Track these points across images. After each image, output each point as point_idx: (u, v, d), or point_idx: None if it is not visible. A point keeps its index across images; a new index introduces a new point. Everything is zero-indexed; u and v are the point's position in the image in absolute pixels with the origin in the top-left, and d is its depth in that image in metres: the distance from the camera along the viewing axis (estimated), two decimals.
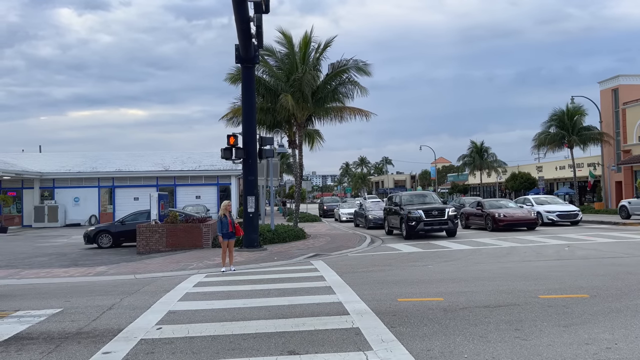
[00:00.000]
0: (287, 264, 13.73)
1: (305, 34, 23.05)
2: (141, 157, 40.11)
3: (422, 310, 7.53)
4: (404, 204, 21.91)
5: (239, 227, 13.12)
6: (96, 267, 13.92)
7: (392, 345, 5.81)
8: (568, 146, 38.59)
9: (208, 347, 5.95)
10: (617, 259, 12.91)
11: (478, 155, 57.60)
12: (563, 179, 51.16)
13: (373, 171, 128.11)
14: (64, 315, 7.89)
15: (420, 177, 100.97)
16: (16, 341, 6.47)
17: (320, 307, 7.91)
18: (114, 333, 6.70)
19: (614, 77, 40.74)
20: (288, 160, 46.56)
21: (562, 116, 38.95)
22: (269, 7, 14.70)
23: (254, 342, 6.12)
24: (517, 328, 6.40)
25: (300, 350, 5.75)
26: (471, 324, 6.64)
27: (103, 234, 20.48)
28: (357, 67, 22.88)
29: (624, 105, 38.94)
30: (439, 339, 6.01)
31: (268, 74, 23.30)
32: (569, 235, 19.63)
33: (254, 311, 7.75)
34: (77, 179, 36.84)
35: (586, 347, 5.60)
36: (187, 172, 36.90)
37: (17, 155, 41.83)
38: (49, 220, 35.25)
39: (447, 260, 13.74)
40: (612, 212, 34.39)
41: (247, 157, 17.68)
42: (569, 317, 6.91)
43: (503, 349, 5.60)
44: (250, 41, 16.57)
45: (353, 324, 6.77)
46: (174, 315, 7.64)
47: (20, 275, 12.57)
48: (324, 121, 24.68)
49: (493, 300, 8.10)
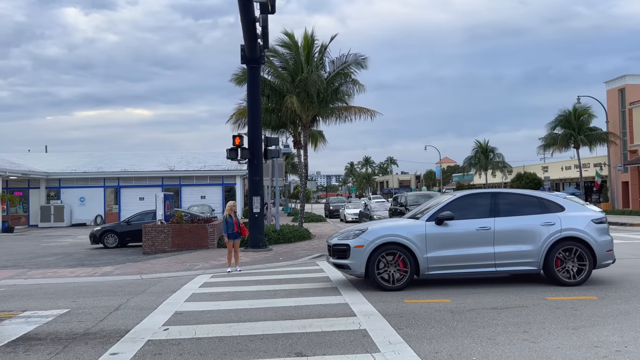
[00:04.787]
0: (293, 264, 13.72)
1: (306, 33, 23.03)
2: (146, 157, 40.22)
3: (429, 311, 7.50)
4: (409, 205, 21.88)
5: (244, 227, 13.12)
6: (102, 267, 13.95)
7: (400, 348, 5.79)
8: (575, 146, 38.43)
9: (215, 348, 5.94)
10: (625, 260, 12.82)
11: (483, 155, 57.47)
12: (569, 179, 50.96)
13: (378, 171, 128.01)
14: (71, 315, 7.91)
15: (425, 177, 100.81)
16: (24, 342, 6.48)
17: (327, 308, 7.89)
18: (121, 334, 6.70)
19: (620, 77, 40.50)
20: (293, 160, 46.61)
21: (569, 116, 38.77)
22: (274, 7, 14.69)
23: (260, 343, 6.11)
24: (526, 330, 6.36)
25: (307, 352, 5.73)
26: (479, 326, 6.60)
27: (109, 234, 20.54)
28: (356, 62, 22.85)
29: (630, 105, 38.71)
30: (447, 341, 5.98)
31: (273, 74, 23.30)
32: None
33: (261, 312, 7.74)
34: (82, 179, 36.98)
35: (596, 349, 5.56)
36: (192, 172, 36.96)
37: (23, 155, 42.03)
38: (55, 220, 35.40)
39: None
40: (618, 212, 34.21)
41: (252, 158, 17.68)
42: (578, 319, 6.87)
43: (512, 351, 5.57)
44: (256, 41, 16.57)
45: (360, 326, 6.74)
46: (181, 316, 7.64)
47: (27, 276, 12.62)
48: (329, 121, 24.70)
49: (500, 301, 8.06)
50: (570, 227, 9.25)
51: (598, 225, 9.42)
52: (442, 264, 9.18)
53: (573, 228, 9.25)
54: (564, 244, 9.22)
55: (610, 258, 9.51)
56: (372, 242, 9.19)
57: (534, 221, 9.33)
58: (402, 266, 9.14)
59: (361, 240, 9.29)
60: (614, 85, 40.99)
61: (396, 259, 9.15)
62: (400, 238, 9.19)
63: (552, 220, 9.31)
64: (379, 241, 9.19)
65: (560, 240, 9.21)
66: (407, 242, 9.14)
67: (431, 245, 9.16)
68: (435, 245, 9.17)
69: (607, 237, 9.53)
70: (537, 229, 9.25)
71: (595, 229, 9.35)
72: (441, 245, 9.19)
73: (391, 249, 9.18)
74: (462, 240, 9.22)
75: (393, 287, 9.08)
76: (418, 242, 9.14)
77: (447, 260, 9.17)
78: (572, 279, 9.18)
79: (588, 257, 9.22)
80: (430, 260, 9.15)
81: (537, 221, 9.31)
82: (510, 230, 9.28)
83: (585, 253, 9.22)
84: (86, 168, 37.44)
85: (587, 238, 9.22)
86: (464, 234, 9.25)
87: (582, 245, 9.25)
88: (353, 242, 9.35)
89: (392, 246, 9.19)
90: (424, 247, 9.14)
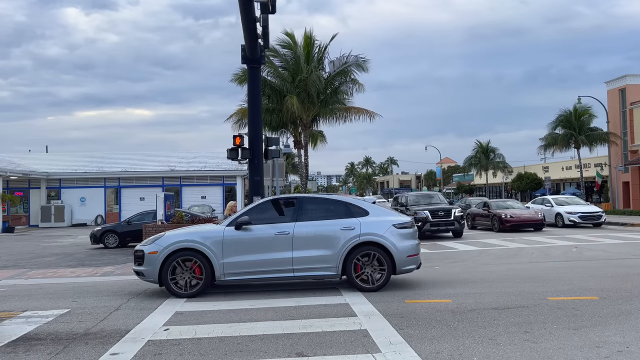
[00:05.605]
0: None
1: (306, 33, 23.04)
2: (147, 157, 40.23)
3: (430, 312, 7.48)
4: (410, 205, 21.86)
5: None
6: (103, 267, 13.94)
7: (401, 348, 5.77)
8: (575, 146, 38.42)
9: (216, 349, 5.93)
10: (626, 260, 12.82)
11: (484, 155, 57.46)
12: (570, 180, 50.94)
13: (378, 171, 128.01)
14: (72, 315, 7.90)
15: (426, 177, 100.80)
16: (24, 342, 6.47)
17: (327, 308, 7.88)
18: (121, 334, 6.70)
19: (621, 77, 40.49)
20: (293, 160, 46.60)
21: (569, 116, 38.77)
22: (275, 7, 14.66)
23: (261, 343, 6.10)
24: (527, 330, 6.35)
25: (308, 352, 5.72)
26: (480, 326, 6.59)
27: (109, 234, 20.52)
28: (357, 64, 22.86)
29: (631, 105, 38.70)
30: (448, 342, 5.97)
31: (273, 74, 23.33)
32: (576, 237, 19.52)
33: (261, 312, 7.73)
34: (83, 179, 36.99)
35: (597, 350, 5.54)
36: (192, 172, 36.96)
37: (23, 156, 42.04)
38: (55, 220, 35.40)
39: (454, 261, 13.69)
40: (619, 212, 34.20)
41: (253, 158, 17.65)
42: (579, 319, 6.85)
43: (513, 352, 5.55)
44: (257, 41, 16.54)
45: (361, 326, 6.73)
46: (181, 316, 7.63)
47: (28, 275, 12.61)
48: (329, 121, 24.71)
49: (502, 302, 8.04)
50: (369, 231, 9.08)
51: (400, 230, 9.23)
52: (239, 270, 8.98)
53: (372, 233, 9.08)
54: (362, 249, 9.06)
55: (412, 263, 9.34)
56: (166, 248, 8.97)
57: (333, 226, 9.15)
58: (198, 272, 8.96)
59: (155, 246, 9.06)
60: (614, 85, 40.97)
61: (192, 265, 8.96)
62: (195, 244, 8.98)
63: (352, 225, 9.13)
64: (173, 247, 8.96)
65: (359, 245, 9.05)
66: (202, 247, 8.95)
67: (228, 251, 8.97)
68: (233, 250, 8.99)
69: (411, 242, 9.33)
70: (336, 234, 9.07)
71: (396, 233, 9.16)
72: (239, 250, 9.00)
73: (187, 254, 8.95)
74: (261, 246, 9.05)
75: (186, 293, 8.90)
76: (214, 248, 8.95)
77: (243, 265, 8.98)
78: (369, 285, 9.01)
79: (387, 262, 9.04)
80: (226, 266, 8.95)
81: (337, 226, 9.14)
82: (309, 235, 9.10)
83: (384, 258, 9.05)
84: (87, 168, 37.45)
85: (385, 243, 9.05)
86: (263, 239, 9.08)
87: (380, 250, 9.06)
88: (147, 248, 9.14)
89: (188, 252, 8.95)
90: (221, 252, 8.94)
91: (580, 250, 15.37)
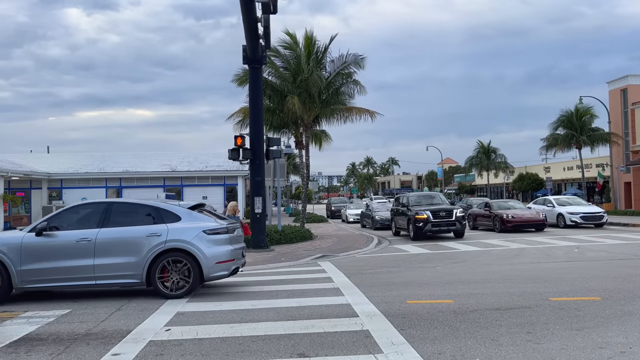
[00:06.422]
0: (295, 265, 13.70)
1: (307, 33, 23.02)
2: (148, 158, 40.25)
3: (432, 312, 7.47)
4: (411, 205, 21.83)
5: (247, 227, 13.10)
6: None
7: (403, 348, 5.76)
8: (577, 147, 38.37)
9: (217, 349, 5.92)
10: (628, 260, 12.79)
11: (485, 155, 57.40)
12: (571, 180, 50.87)
13: (379, 171, 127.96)
14: (73, 316, 7.89)
15: (427, 177, 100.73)
16: (26, 342, 6.47)
17: (329, 309, 7.87)
18: (122, 334, 6.69)
19: (622, 77, 40.43)
20: (294, 160, 46.60)
21: (571, 117, 38.69)
22: (276, 7, 14.67)
23: (263, 344, 6.09)
24: (529, 331, 6.33)
25: (310, 352, 5.71)
26: (482, 327, 6.57)
27: None
28: (356, 62, 22.88)
29: (632, 105, 38.66)
30: (450, 342, 5.95)
31: (274, 74, 23.31)
32: (578, 237, 19.49)
33: (263, 313, 7.72)
34: (84, 180, 37.00)
35: (600, 351, 5.52)
36: (194, 172, 36.97)
37: (25, 156, 42.07)
38: None
39: (456, 261, 13.67)
40: (621, 212, 34.15)
41: (254, 158, 17.67)
42: (581, 320, 6.83)
43: (515, 352, 5.54)
44: (258, 42, 16.55)
45: (362, 327, 6.72)
46: (182, 317, 7.62)
47: None
48: (330, 122, 24.70)
49: (504, 302, 8.02)
50: (176, 238, 8.92)
51: (210, 236, 9.07)
52: (38, 277, 8.82)
53: (178, 239, 8.93)
54: (168, 256, 8.90)
55: (222, 270, 9.16)
56: None
57: (139, 232, 8.96)
58: None
59: None
60: (616, 85, 40.92)
61: None
62: None
63: (159, 231, 8.96)
64: None
65: (165, 252, 8.89)
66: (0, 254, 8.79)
67: (27, 258, 8.78)
68: (32, 257, 8.79)
69: (221, 248, 9.12)
70: (141, 240, 8.90)
71: (205, 240, 8.99)
72: (38, 257, 8.81)
73: None
74: (61, 253, 8.84)
75: None
76: (12, 254, 8.78)
77: (42, 273, 8.81)
78: (173, 291, 8.88)
79: (193, 268, 8.89)
80: (25, 274, 8.77)
81: (143, 232, 8.95)
82: (112, 241, 8.91)
83: (190, 265, 8.91)
84: (88, 168, 37.47)
85: (192, 249, 8.89)
86: (64, 245, 8.87)
87: (187, 257, 8.91)
88: None
89: None
90: (19, 259, 8.77)
91: (582, 250, 15.35)
